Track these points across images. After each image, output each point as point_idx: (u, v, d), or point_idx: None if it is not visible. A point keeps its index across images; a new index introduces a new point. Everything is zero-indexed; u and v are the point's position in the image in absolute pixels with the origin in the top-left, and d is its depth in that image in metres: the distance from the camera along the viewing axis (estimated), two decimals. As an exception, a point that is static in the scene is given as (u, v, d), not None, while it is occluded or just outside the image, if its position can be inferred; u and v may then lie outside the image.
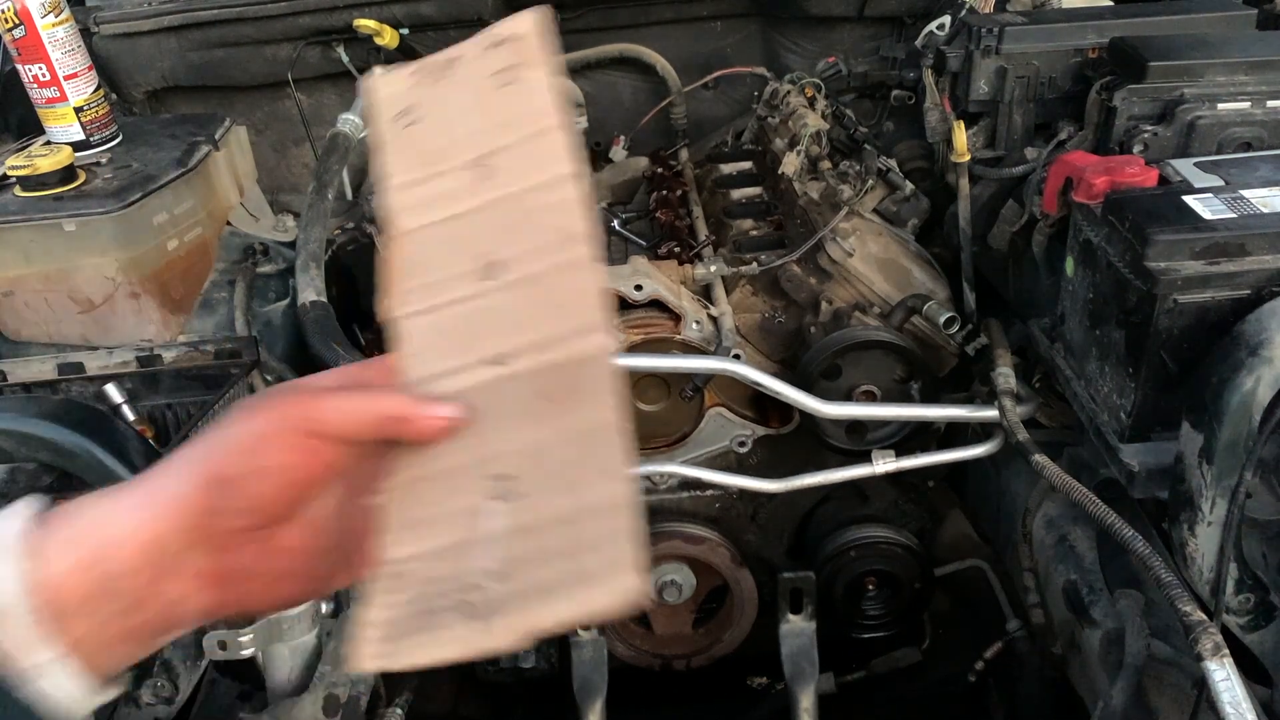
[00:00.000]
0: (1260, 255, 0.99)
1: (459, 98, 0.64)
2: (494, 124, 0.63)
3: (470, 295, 0.59)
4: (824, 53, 1.95)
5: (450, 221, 0.62)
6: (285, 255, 1.64)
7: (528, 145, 0.62)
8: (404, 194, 0.63)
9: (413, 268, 0.61)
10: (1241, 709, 0.84)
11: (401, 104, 0.64)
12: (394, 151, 0.63)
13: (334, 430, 0.54)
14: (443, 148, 0.63)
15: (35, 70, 1.49)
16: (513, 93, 0.63)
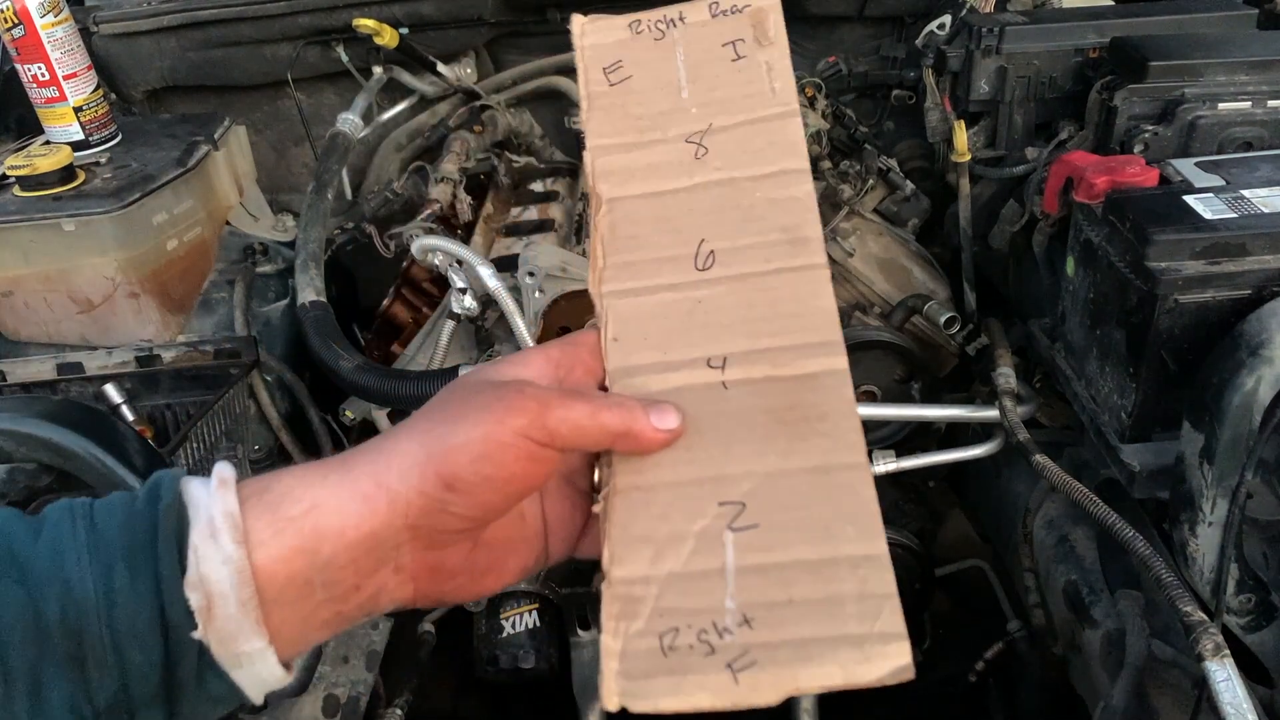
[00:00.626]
0: (1261, 255, 0.98)
1: (679, 62, 0.60)
2: (717, 99, 0.59)
3: (685, 283, 0.56)
4: (824, 52, 1.95)
5: (662, 197, 0.58)
6: (285, 255, 1.64)
7: (754, 129, 0.59)
8: (609, 157, 0.59)
9: (619, 241, 0.58)
10: (1242, 709, 0.83)
11: (612, 57, 0.61)
12: (599, 109, 0.60)
13: (565, 443, 0.53)
14: (657, 115, 0.59)
15: (34, 70, 1.49)
16: (743, 68, 0.59)
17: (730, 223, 0.57)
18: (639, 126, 0.59)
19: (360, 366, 1.31)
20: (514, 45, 2.06)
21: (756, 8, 0.60)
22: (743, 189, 0.58)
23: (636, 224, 0.58)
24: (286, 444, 1.53)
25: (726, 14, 0.60)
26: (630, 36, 0.60)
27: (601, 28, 0.61)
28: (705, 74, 0.60)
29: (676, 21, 0.60)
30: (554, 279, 1.36)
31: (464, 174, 1.74)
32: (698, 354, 0.55)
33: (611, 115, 0.60)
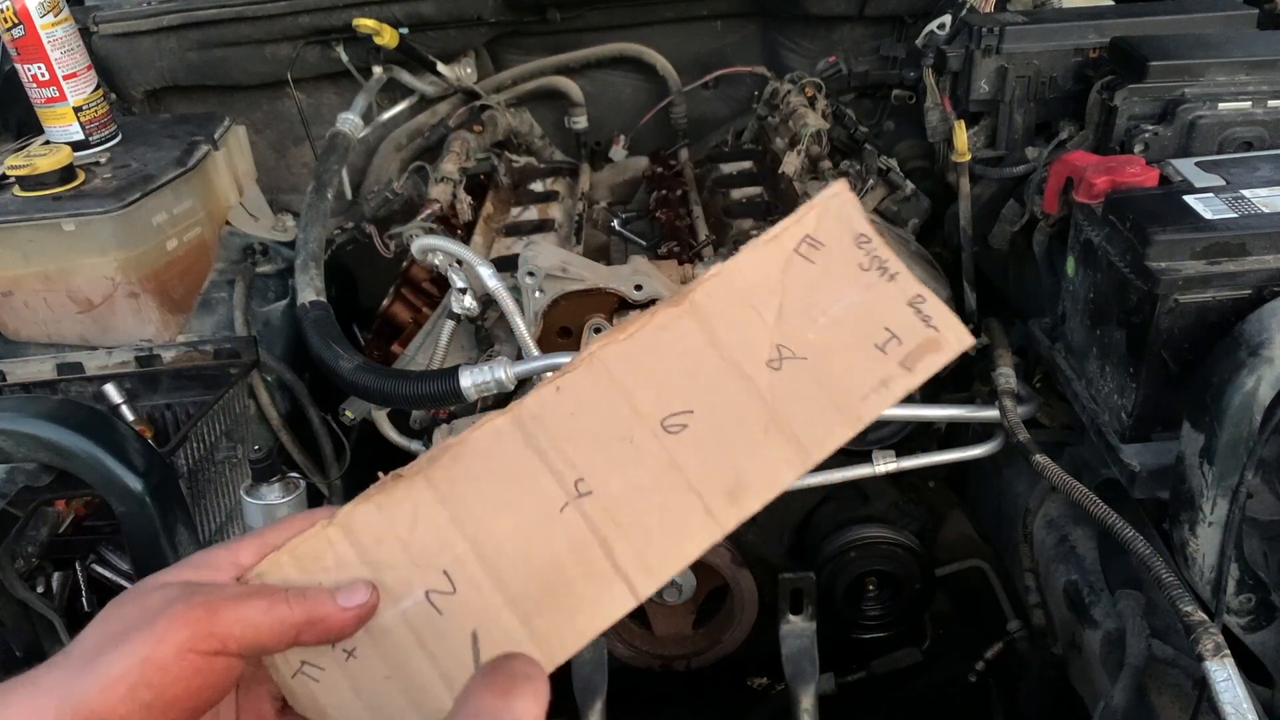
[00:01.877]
0: (1261, 255, 0.98)
1: (843, 303, 0.60)
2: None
3: (640, 430, 0.59)
4: (824, 52, 1.96)
5: (715, 357, 0.60)
6: (284, 255, 1.64)
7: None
8: (731, 285, 0.60)
9: (650, 347, 0.59)
10: (1242, 709, 0.83)
11: (835, 234, 0.60)
12: (771, 259, 0.60)
13: (242, 646, 0.50)
14: (773, 324, 0.60)
15: (34, 70, 1.49)
16: (882, 364, 0.59)
17: (725, 431, 0.59)
18: (770, 294, 0.60)
19: (360, 366, 1.31)
20: (514, 45, 2.06)
21: (937, 336, 0.59)
22: (759, 423, 0.59)
23: (677, 348, 0.59)
24: (286, 444, 1.53)
25: (919, 316, 0.60)
26: (850, 241, 0.61)
27: (850, 209, 0.61)
28: (848, 327, 0.60)
29: (886, 275, 0.60)
30: (554, 279, 1.36)
31: (464, 174, 1.74)
32: (582, 477, 0.58)
33: (767, 262, 0.60)
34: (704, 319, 0.60)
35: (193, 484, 1.29)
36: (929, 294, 0.60)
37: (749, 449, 0.60)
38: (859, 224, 0.61)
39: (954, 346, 0.60)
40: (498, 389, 1.31)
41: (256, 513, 1.11)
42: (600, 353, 0.59)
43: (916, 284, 0.60)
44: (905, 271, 0.60)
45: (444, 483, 0.58)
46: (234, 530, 1.37)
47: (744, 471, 0.60)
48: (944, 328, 0.60)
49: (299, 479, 1.13)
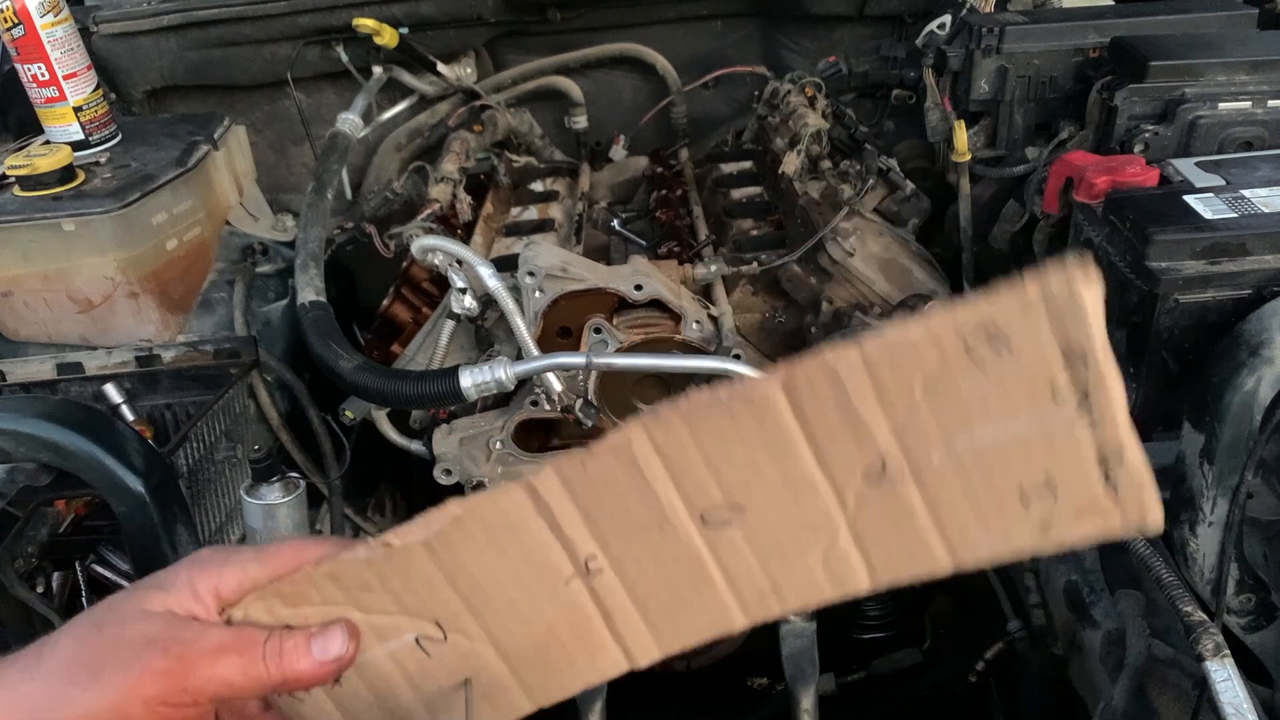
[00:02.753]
0: (1261, 255, 0.98)
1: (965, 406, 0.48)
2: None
3: (674, 520, 0.54)
4: (824, 52, 1.95)
5: (795, 453, 0.50)
6: (284, 255, 1.64)
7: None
8: (837, 374, 0.48)
9: (709, 430, 0.51)
10: (1242, 709, 0.83)
11: None
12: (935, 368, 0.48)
13: (216, 698, 0.50)
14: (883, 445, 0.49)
15: (34, 70, 1.49)
16: (1017, 518, 0.49)
17: (778, 532, 0.53)
18: (899, 394, 0.48)
19: (360, 366, 1.31)
20: (514, 45, 2.06)
21: (1110, 507, 0.48)
22: (825, 534, 0.52)
23: (746, 434, 0.50)
24: (286, 444, 1.53)
25: (1102, 474, 0.47)
26: (1055, 350, 0.45)
27: (1080, 311, 0.44)
28: (993, 463, 0.48)
29: (1086, 410, 0.46)
30: (554, 279, 1.36)
31: (464, 174, 1.74)
32: (593, 554, 0.55)
33: (913, 351, 0.47)
34: (797, 405, 0.49)
35: (193, 484, 1.29)
36: (1137, 451, 0.46)
37: (800, 559, 0.52)
38: (1083, 331, 0.45)
39: (1129, 524, 0.48)
40: (498, 389, 1.31)
41: (256, 513, 1.11)
42: (642, 434, 0.51)
43: (1127, 433, 0.46)
44: (1119, 415, 0.46)
45: (443, 548, 0.55)
46: (234, 530, 1.37)
47: (785, 579, 0.53)
48: (1128, 498, 0.47)
49: (299, 479, 1.13)
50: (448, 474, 1.49)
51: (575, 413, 1.38)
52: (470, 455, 1.48)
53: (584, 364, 1.31)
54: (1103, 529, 0.48)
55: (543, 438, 1.53)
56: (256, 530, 1.11)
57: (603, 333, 1.38)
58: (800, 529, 0.52)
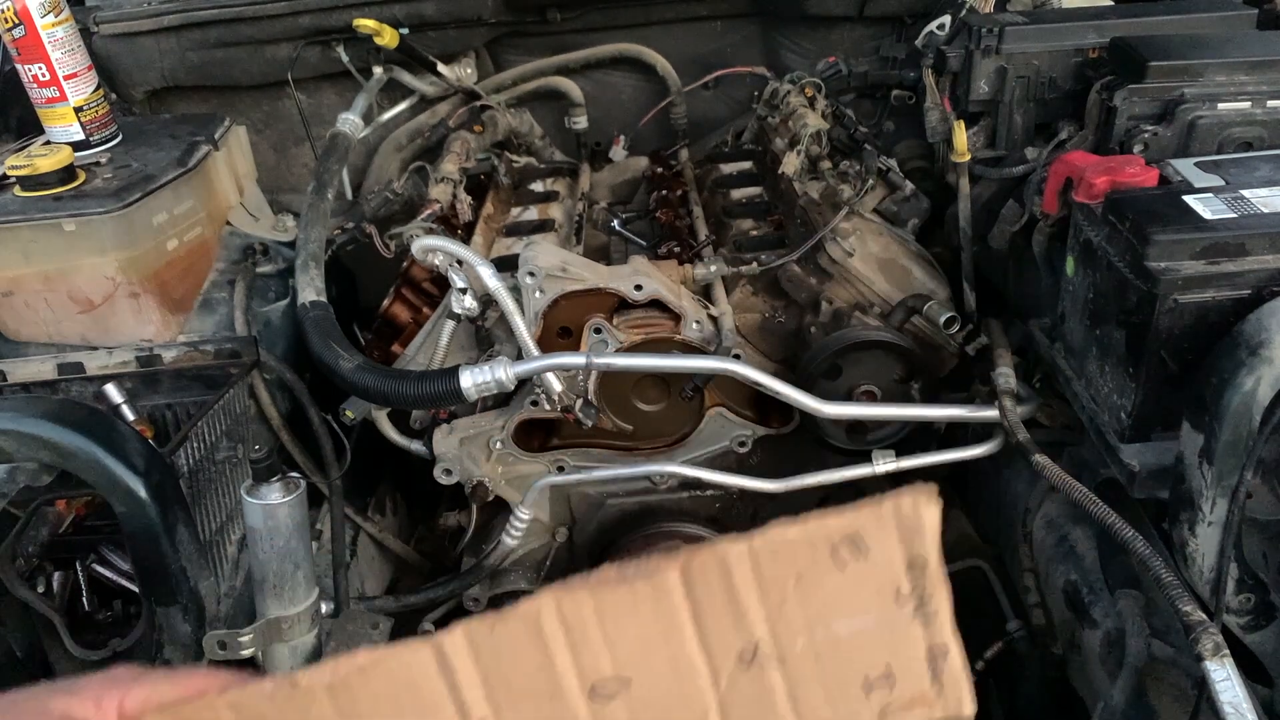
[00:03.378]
0: (1260, 255, 0.99)
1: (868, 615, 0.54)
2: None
3: (565, 691, 0.55)
4: (824, 52, 1.96)
5: (680, 632, 0.54)
6: (285, 255, 1.64)
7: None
8: (728, 564, 0.54)
9: (610, 603, 0.54)
10: (1241, 709, 0.83)
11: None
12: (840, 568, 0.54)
13: None
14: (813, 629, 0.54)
15: (35, 70, 1.49)
16: (861, 705, 0.54)
17: (657, 709, 0.55)
18: (776, 586, 0.54)
19: (360, 366, 1.31)
20: (514, 45, 2.07)
21: (933, 697, 0.54)
22: (699, 712, 0.55)
23: (641, 611, 0.54)
24: (287, 444, 1.53)
25: (929, 667, 0.54)
26: (901, 562, 0.54)
27: (922, 528, 0.54)
28: (846, 653, 0.54)
29: (922, 613, 0.54)
30: (554, 279, 1.36)
31: (464, 174, 1.74)
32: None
33: (790, 548, 0.54)
34: (690, 588, 0.54)
35: (193, 484, 1.29)
36: (958, 649, 0.54)
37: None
38: (923, 545, 0.54)
39: (948, 713, 0.54)
40: (498, 389, 1.31)
41: (257, 512, 1.11)
42: (551, 604, 0.55)
43: (950, 634, 0.54)
44: (945, 617, 0.54)
45: (344, 694, 0.56)
46: (235, 530, 1.37)
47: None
48: (950, 690, 0.54)
49: (299, 479, 1.13)
50: (448, 474, 1.49)
51: (575, 413, 1.38)
52: (470, 455, 1.48)
53: (584, 364, 1.32)
54: (927, 715, 0.54)
55: (543, 438, 1.53)
56: (257, 530, 1.11)
57: (603, 333, 1.38)
58: (676, 706, 0.56)
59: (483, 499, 1.50)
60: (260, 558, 1.10)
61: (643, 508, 1.55)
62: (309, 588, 1.14)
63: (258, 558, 1.10)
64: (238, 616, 1.25)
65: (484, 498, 1.50)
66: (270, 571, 1.11)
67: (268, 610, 1.13)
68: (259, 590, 1.13)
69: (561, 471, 1.50)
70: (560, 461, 1.50)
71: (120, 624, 1.36)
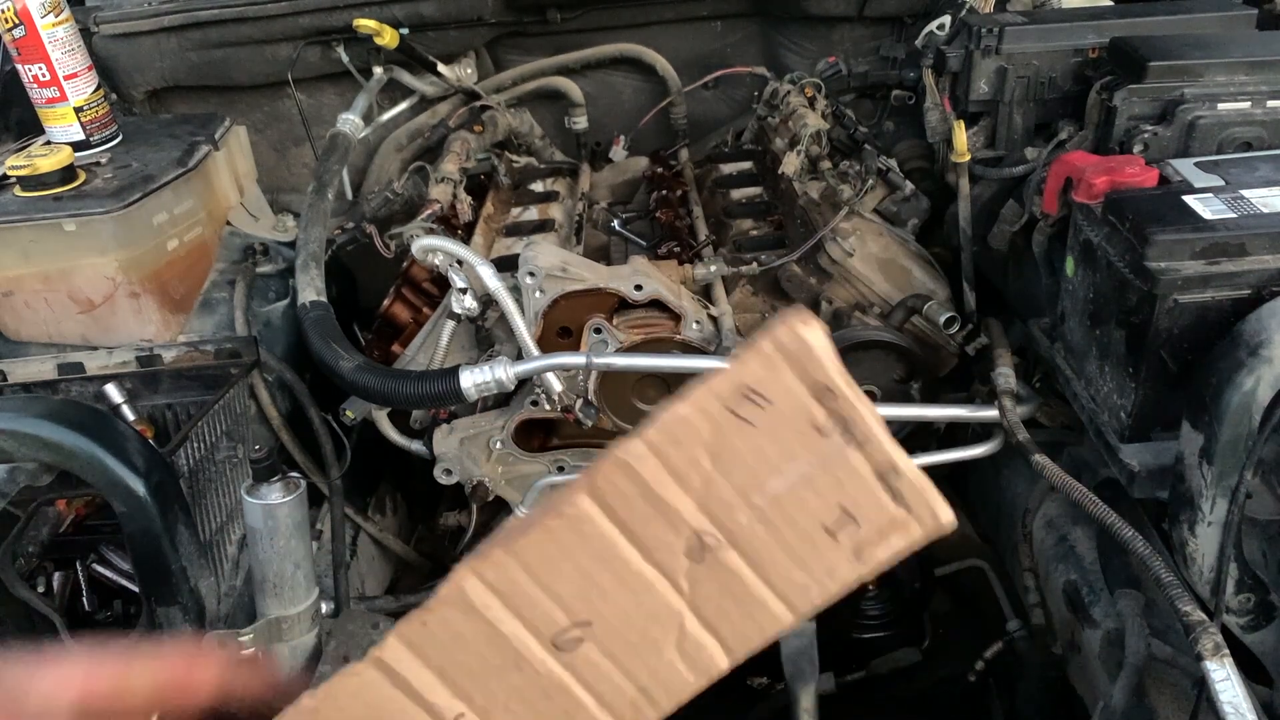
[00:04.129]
0: (1260, 255, 0.99)
1: (806, 474, 0.50)
2: (769, 534, 0.51)
3: (528, 655, 0.54)
4: (824, 53, 1.96)
5: (614, 549, 0.52)
6: (285, 255, 1.64)
7: (749, 609, 0.52)
8: (634, 469, 0.50)
9: (535, 556, 0.52)
10: (1241, 709, 0.83)
11: (778, 389, 0.49)
12: (701, 416, 0.49)
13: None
14: (722, 481, 0.50)
15: (35, 70, 1.49)
16: (831, 552, 0.51)
17: (628, 636, 0.53)
18: (690, 469, 0.50)
19: (360, 366, 1.31)
20: (514, 45, 2.06)
21: (903, 518, 0.50)
22: (671, 624, 0.53)
23: (572, 551, 0.52)
24: (287, 444, 1.53)
25: (886, 491, 0.49)
26: (806, 395, 0.48)
27: (812, 354, 0.47)
28: (792, 508, 0.50)
29: (851, 438, 0.49)
30: (554, 279, 1.36)
31: (464, 174, 1.74)
32: (462, 712, 0.54)
33: (690, 427, 0.49)
34: (607, 507, 0.51)
35: (193, 484, 1.29)
36: (909, 463, 0.49)
37: (657, 656, 0.53)
38: (820, 371, 0.48)
39: (926, 529, 0.50)
40: (498, 389, 1.31)
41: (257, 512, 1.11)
42: (472, 578, 0.53)
43: (891, 449, 0.49)
44: (880, 433, 0.49)
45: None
46: (234, 530, 1.37)
47: (650, 681, 0.54)
48: (916, 505, 0.50)
49: (299, 479, 1.13)
50: (448, 474, 1.49)
51: (575, 413, 1.38)
52: (470, 455, 1.49)
53: (584, 364, 1.32)
54: (908, 540, 0.50)
55: (543, 438, 1.53)
56: (257, 530, 1.11)
57: (603, 333, 1.38)
58: (648, 626, 0.53)
59: (483, 499, 1.50)
60: (260, 558, 1.10)
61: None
62: (309, 588, 1.14)
63: (258, 558, 1.10)
64: (238, 616, 1.25)
65: (484, 498, 1.50)
66: (270, 571, 1.11)
67: (268, 610, 1.13)
68: (259, 590, 1.13)
69: (561, 471, 1.50)
70: (560, 461, 1.50)
71: (120, 624, 1.36)
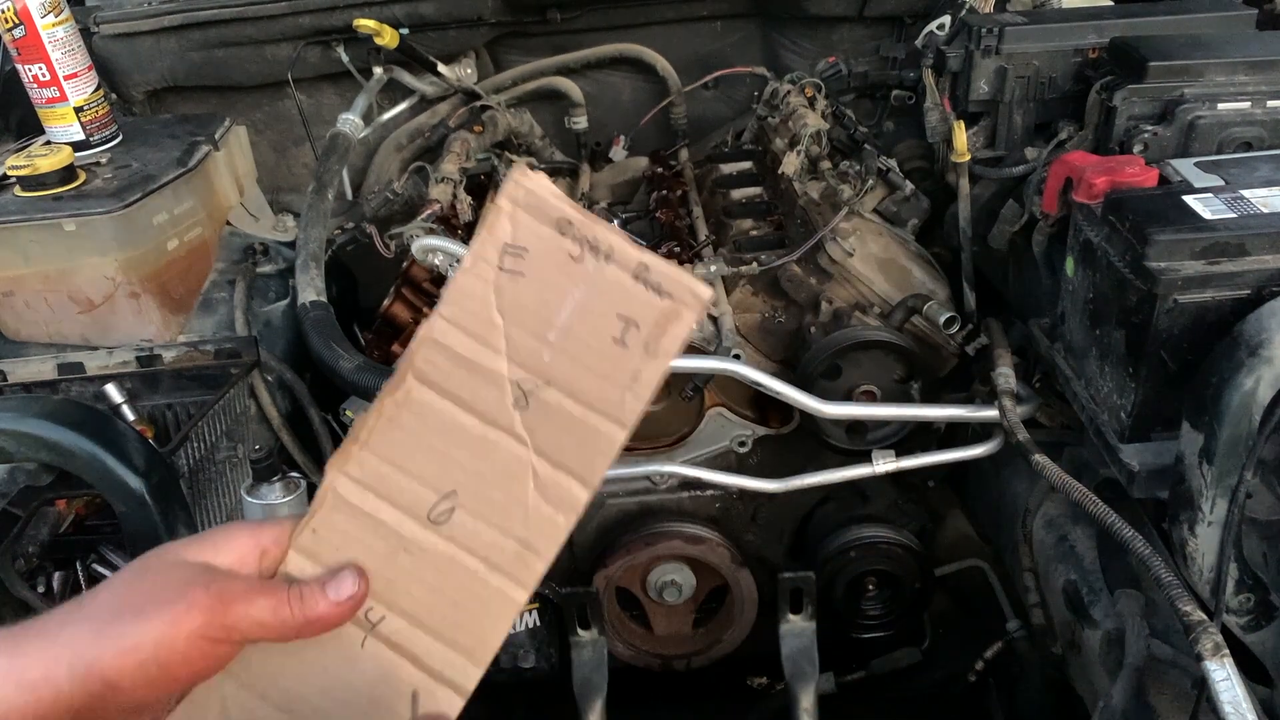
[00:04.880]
0: (1260, 255, 0.99)
1: (570, 301, 0.55)
2: (571, 366, 0.55)
3: (405, 528, 0.57)
4: (824, 52, 1.96)
5: (457, 421, 0.56)
6: (285, 255, 1.64)
7: (578, 424, 0.56)
8: (443, 347, 0.56)
9: (392, 436, 0.57)
10: (1241, 709, 0.83)
11: (527, 238, 0.54)
12: (472, 278, 0.55)
13: (247, 637, 0.54)
14: (513, 331, 0.55)
15: (35, 70, 1.49)
16: (615, 357, 0.55)
17: (492, 495, 0.57)
18: (488, 330, 0.55)
19: (360, 366, 1.31)
20: (514, 45, 2.06)
21: (671, 306, 0.54)
22: (524, 473, 0.57)
23: (418, 432, 0.57)
24: (287, 444, 1.53)
25: (647, 288, 0.54)
26: (552, 233, 0.54)
27: (539, 197, 0.54)
28: (582, 333, 0.55)
29: (601, 255, 0.54)
30: (554, 279, 1.36)
31: (464, 174, 1.74)
32: (370, 605, 0.58)
33: (474, 294, 0.55)
34: (434, 384, 0.56)
35: (193, 484, 1.29)
36: (652, 258, 0.54)
37: (523, 506, 0.57)
38: (553, 208, 0.54)
39: (692, 308, 0.55)
40: (498, 389, 1.31)
41: (257, 513, 1.11)
42: (340, 477, 0.57)
43: (635, 251, 0.54)
44: (621, 242, 0.54)
45: (241, 670, 0.57)
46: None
47: (527, 529, 0.58)
48: (676, 291, 0.54)
49: (299, 479, 1.14)
50: (448, 474, 1.49)
51: (575, 413, 1.38)
52: (470, 455, 1.48)
53: (584, 364, 1.31)
54: (683, 324, 0.55)
55: (543, 438, 1.53)
56: (257, 530, 1.11)
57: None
58: (506, 482, 0.57)
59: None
60: (260, 558, 1.10)
61: (642, 508, 1.56)
62: (309, 587, 1.14)
63: (258, 558, 1.10)
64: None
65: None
66: (270, 571, 1.11)
67: (268, 610, 1.13)
68: (259, 590, 1.12)
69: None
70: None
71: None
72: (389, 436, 0.57)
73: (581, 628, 1.50)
